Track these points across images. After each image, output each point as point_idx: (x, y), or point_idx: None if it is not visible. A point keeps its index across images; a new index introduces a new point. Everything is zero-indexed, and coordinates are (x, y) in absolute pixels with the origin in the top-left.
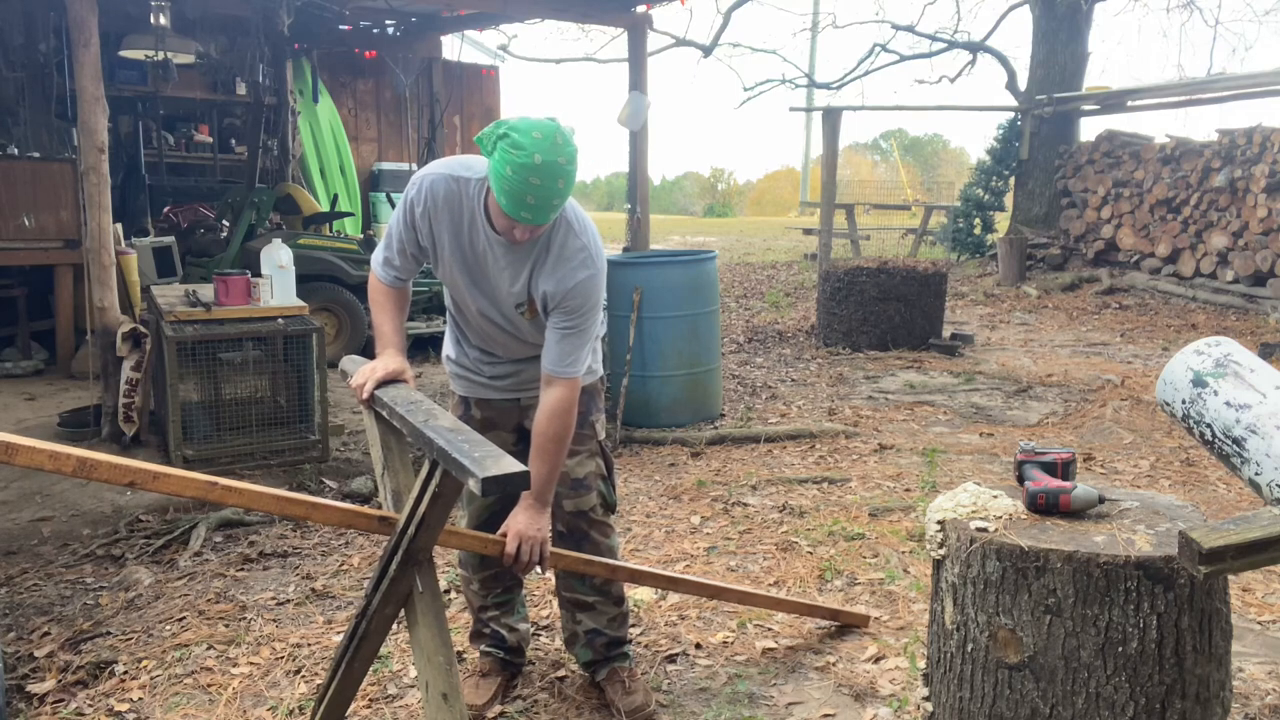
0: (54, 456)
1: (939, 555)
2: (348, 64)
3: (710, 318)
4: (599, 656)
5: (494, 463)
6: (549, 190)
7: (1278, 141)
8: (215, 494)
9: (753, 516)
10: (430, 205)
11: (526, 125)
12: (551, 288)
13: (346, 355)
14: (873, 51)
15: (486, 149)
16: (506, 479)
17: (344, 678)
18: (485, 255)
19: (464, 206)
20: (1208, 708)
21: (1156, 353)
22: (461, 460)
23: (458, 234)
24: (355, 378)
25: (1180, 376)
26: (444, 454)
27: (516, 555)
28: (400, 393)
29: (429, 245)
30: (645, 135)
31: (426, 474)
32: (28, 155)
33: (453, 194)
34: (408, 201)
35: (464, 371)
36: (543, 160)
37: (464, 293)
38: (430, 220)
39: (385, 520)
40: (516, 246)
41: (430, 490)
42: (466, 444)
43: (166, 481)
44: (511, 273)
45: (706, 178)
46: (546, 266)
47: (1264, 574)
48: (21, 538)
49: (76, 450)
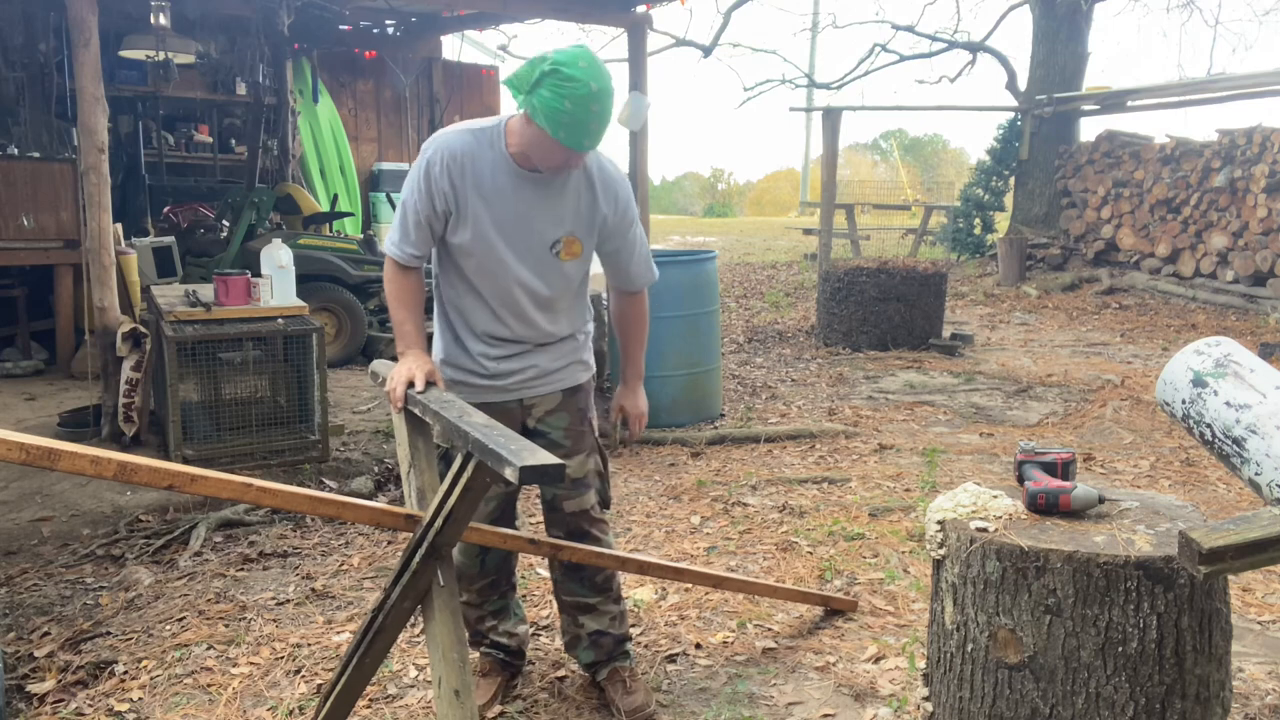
0: (95, 462)
1: (939, 555)
2: (348, 64)
3: (710, 318)
4: (603, 657)
5: (530, 454)
6: (606, 113)
7: (1278, 141)
8: (251, 495)
9: (753, 516)
10: (450, 161)
11: (569, 57)
12: (610, 207)
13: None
14: (873, 51)
15: (524, 88)
16: (543, 470)
17: (355, 672)
18: (512, 201)
19: (484, 156)
20: (1208, 708)
21: (1156, 353)
22: (499, 451)
23: (480, 184)
24: (392, 381)
25: (1180, 376)
26: (480, 445)
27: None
28: (433, 392)
29: (450, 206)
30: (645, 135)
31: (458, 467)
32: (28, 155)
33: (469, 145)
34: (423, 165)
35: (463, 375)
36: (599, 87)
37: (493, 248)
38: (450, 177)
39: (412, 518)
40: (550, 185)
41: (461, 483)
42: (502, 437)
43: (205, 484)
44: (550, 213)
45: (706, 178)
46: (598, 189)
47: (1264, 574)
48: (21, 538)
49: (117, 455)
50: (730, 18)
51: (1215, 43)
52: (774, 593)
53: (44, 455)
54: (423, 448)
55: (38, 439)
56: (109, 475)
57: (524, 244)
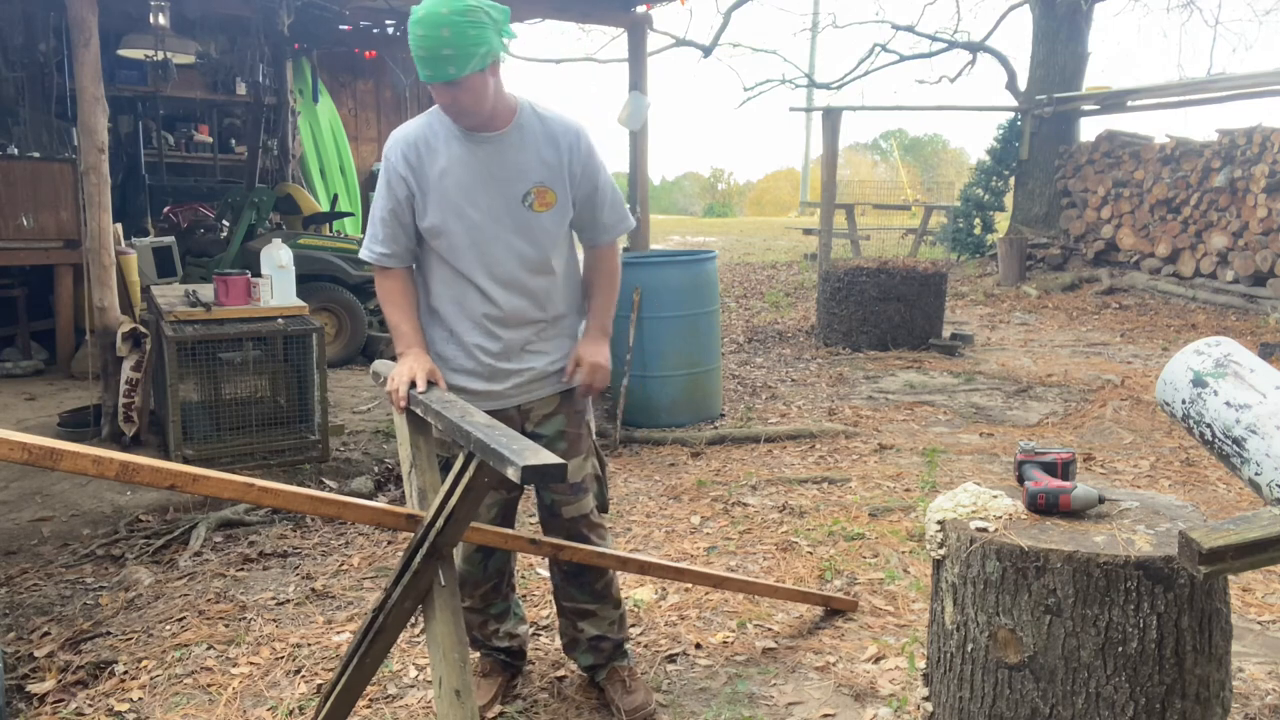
0: (98, 461)
1: (939, 555)
2: (348, 64)
3: (710, 318)
4: (602, 660)
5: (533, 453)
6: (434, 40)
7: (1278, 141)
8: (252, 495)
9: (753, 516)
10: (404, 147)
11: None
12: (568, 149)
13: (378, 360)
14: (873, 51)
15: None
16: (545, 469)
17: (355, 672)
18: (471, 164)
19: (437, 132)
20: (1208, 708)
21: (1156, 353)
22: (501, 451)
23: (436, 157)
24: (393, 382)
25: (1180, 376)
26: (482, 445)
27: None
28: (434, 391)
29: (412, 189)
30: (645, 135)
31: (460, 467)
32: (28, 155)
33: (422, 126)
34: (386, 163)
35: (462, 378)
36: (424, 12)
37: (464, 214)
38: (407, 161)
39: (413, 518)
40: (504, 142)
41: (463, 483)
42: (504, 437)
43: (206, 484)
44: (511, 168)
45: (706, 178)
46: (557, 137)
47: (1264, 574)
48: (21, 538)
49: (120, 455)
50: (730, 18)
51: (1215, 43)
52: (774, 593)
53: (46, 455)
54: (424, 447)
55: (40, 439)
56: (111, 475)
57: (495, 203)
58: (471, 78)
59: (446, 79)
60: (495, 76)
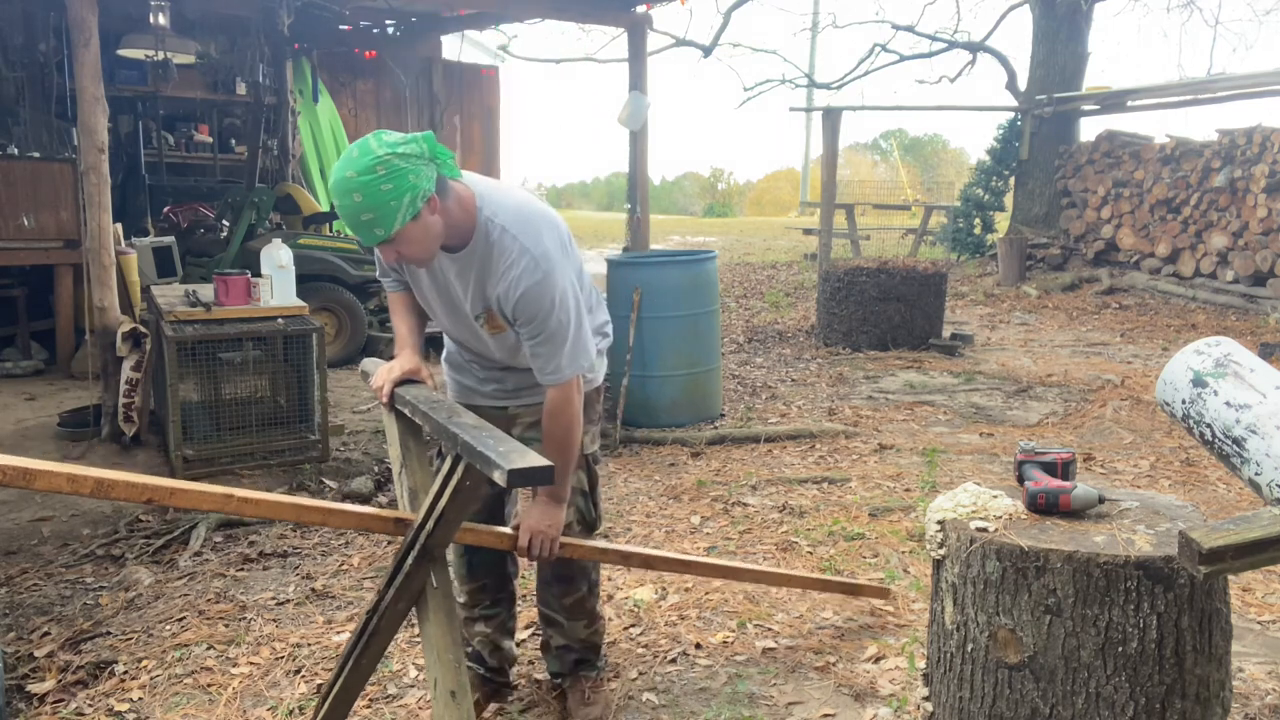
0: (72, 479)
1: (939, 555)
2: (348, 64)
3: (710, 318)
4: (566, 670)
5: (519, 456)
6: (350, 208)
7: (1278, 141)
8: (232, 505)
9: (753, 516)
10: None
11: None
12: (501, 293)
13: (366, 358)
14: (873, 51)
15: None
16: (531, 472)
17: (352, 673)
18: (438, 275)
19: None
20: (1208, 708)
21: (1156, 353)
22: (487, 454)
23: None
24: (375, 379)
25: (1180, 376)
26: (469, 448)
27: (529, 548)
28: (422, 392)
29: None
30: (645, 135)
31: (449, 469)
32: (28, 155)
33: None
34: None
35: (460, 375)
36: (333, 180)
37: (436, 313)
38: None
39: (401, 522)
40: (465, 261)
41: (452, 485)
42: (491, 439)
43: (184, 497)
44: (461, 285)
45: (706, 178)
46: (488, 271)
47: (1264, 574)
48: (21, 538)
49: (94, 471)
50: (730, 18)
51: (1215, 43)
52: (810, 584)
53: (20, 475)
54: (414, 448)
55: (12, 459)
56: (86, 492)
57: (454, 315)
58: (404, 230)
59: (377, 241)
60: (435, 213)
